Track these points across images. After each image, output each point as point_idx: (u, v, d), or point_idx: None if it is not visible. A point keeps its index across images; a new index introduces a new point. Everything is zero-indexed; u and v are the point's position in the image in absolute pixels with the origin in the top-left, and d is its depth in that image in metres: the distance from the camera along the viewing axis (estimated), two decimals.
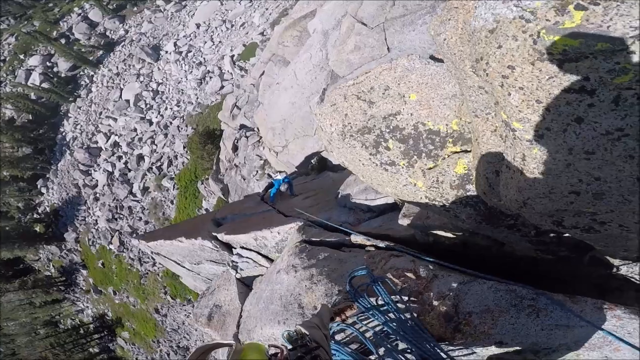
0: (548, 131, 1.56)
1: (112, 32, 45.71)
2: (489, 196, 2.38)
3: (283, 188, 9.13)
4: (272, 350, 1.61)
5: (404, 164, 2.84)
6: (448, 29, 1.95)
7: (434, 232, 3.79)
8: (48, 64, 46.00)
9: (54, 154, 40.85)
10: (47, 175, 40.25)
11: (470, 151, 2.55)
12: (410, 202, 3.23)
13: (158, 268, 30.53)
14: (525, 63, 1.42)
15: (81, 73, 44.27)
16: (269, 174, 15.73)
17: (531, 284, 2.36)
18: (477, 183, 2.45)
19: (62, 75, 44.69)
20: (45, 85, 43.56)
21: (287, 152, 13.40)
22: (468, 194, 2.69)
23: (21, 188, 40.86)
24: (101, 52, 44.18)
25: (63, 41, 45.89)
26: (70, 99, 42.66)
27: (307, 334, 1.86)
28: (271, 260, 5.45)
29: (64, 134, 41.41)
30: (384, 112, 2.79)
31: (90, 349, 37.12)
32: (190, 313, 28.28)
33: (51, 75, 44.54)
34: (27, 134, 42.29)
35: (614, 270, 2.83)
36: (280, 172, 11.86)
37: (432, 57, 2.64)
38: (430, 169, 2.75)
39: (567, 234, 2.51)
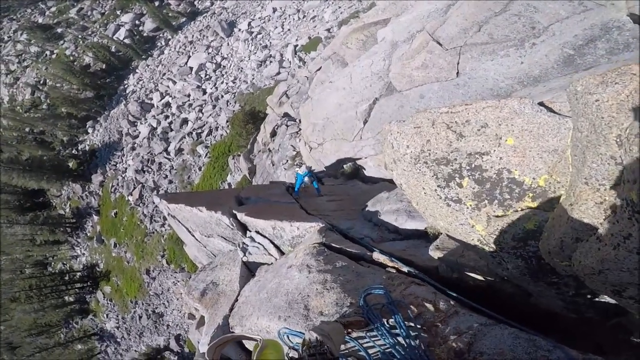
0: None
1: (199, 2, 48.67)
2: (553, 255, 2.30)
3: (307, 180, 8.92)
4: (292, 354, 1.63)
5: (470, 205, 2.74)
6: (608, 91, 1.87)
7: (462, 270, 3.59)
8: (137, 22, 50.08)
9: (111, 102, 43.91)
10: (98, 119, 43.24)
11: (546, 210, 2.42)
12: (454, 238, 3.03)
13: (165, 230, 31.04)
14: None
15: (160, 35, 47.61)
16: (298, 164, 15.66)
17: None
18: (547, 242, 2.33)
19: (144, 34, 48.48)
20: (127, 40, 47.39)
21: (322, 150, 13.29)
22: (527, 248, 2.56)
23: (71, 125, 44.15)
24: (184, 19, 47.31)
25: (157, 3, 49.67)
26: (144, 56, 45.96)
27: (323, 342, 1.81)
28: (282, 253, 5.30)
29: (126, 85, 44.45)
30: (472, 148, 2.66)
31: (66, 297, 37.27)
32: (179, 281, 28.56)
33: (135, 33, 48.43)
34: (95, 80, 46.02)
35: (636, 335, 2.91)
36: (303, 164, 11.60)
37: (542, 105, 2.48)
38: (497, 216, 2.63)
39: (607, 300, 2.60)
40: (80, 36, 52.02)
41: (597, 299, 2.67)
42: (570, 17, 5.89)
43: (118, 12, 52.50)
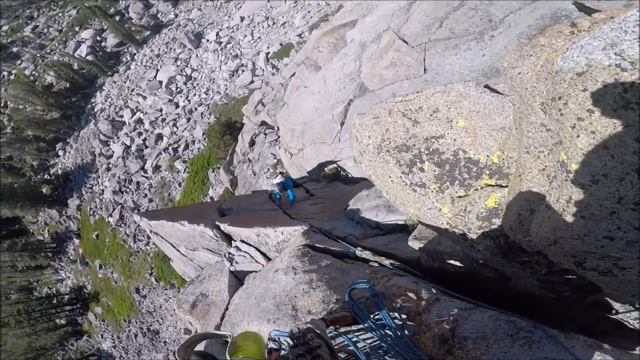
0: (605, 178, 1.56)
1: (163, 14, 47.64)
2: (515, 231, 2.36)
3: (277, 189, 8.75)
4: (272, 345, 1.69)
5: (434, 188, 2.83)
6: (527, 64, 2.00)
7: (441, 258, 3.70)
8: (98, 38, 48.39)
9: (80, 122, 42.30)
10: (68, 140, 41.53)
11: (505, 186, 2.53)
12: (428, 225, 3.15)
13: (150, 248, 30.46)
14: (607, 109, 1.44)
15: (125, 50, 46.22)
16: (280, 172, 15.62)
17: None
18: (507, 218, 2.41)
19: (108, 50, 46.88)
20: (89, 57, 45.70)
21: (302, 155, 13.34)
22: (492, 227, 2.65)
23: (40, 148, 42.18)
24: (148, 32, 46.17)
25: (117, 18, 48.16)
26: (109, 73, 44.51)
27: (318, 332, 1.85)
28: (268, 259, 5.31)
29: (94, 104, 42.95)
30: (427, 133, 2.78)
31: (57, 320, 36.54)
32: (170, 297, 28.02)
33: (97, 49, 46.73)
34: (60, 100, 44.17)
35: (612, 314, 2.95)
36: (281, 172, 11.51)
37: (487, 87, 2.62)
38: (460, 197, 2.73)
39: (577, 275, 2.60)
40: (38, 55, 49.81)
41: (570, 277, 2.71)
42: (522, 8, 6.24)
43: (77, 29, 50.62)
